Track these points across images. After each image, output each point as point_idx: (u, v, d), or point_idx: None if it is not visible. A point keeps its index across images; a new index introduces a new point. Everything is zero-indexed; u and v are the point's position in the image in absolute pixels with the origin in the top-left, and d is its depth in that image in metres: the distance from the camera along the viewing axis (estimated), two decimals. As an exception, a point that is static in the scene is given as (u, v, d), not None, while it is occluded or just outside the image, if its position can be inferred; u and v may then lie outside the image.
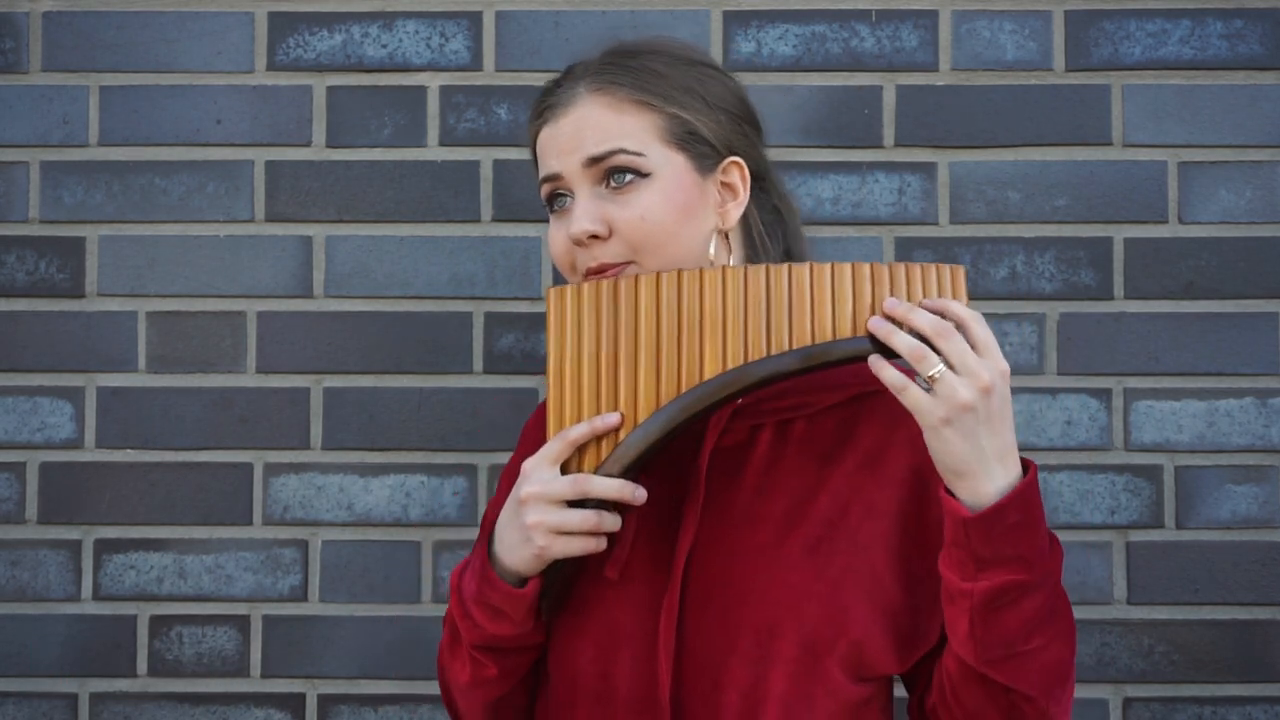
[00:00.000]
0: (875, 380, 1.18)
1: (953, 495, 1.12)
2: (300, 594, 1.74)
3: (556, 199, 1.25)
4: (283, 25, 1.78)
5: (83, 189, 1.77)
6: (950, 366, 1.08)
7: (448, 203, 1.77)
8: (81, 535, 1.75)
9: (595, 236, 1.21)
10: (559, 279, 1.75)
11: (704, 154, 1.24)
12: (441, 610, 1.72)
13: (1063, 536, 1.72)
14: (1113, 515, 1.73)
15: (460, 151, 1.77)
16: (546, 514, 1.14)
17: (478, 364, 1.75)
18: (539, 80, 1.76)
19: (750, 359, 1.13)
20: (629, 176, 1.20)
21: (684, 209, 1.22)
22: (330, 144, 1.77)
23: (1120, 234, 1.75)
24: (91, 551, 1.75)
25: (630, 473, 1.15)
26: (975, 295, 1.74)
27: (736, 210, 1.26)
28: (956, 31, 1.77)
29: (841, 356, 1.12)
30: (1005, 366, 1.10)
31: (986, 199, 1.76)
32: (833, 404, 1.25)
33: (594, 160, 1.21)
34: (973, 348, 1.09)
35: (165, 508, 1.75)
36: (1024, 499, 1.10)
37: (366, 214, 1.77)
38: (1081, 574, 1.72)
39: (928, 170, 1.76)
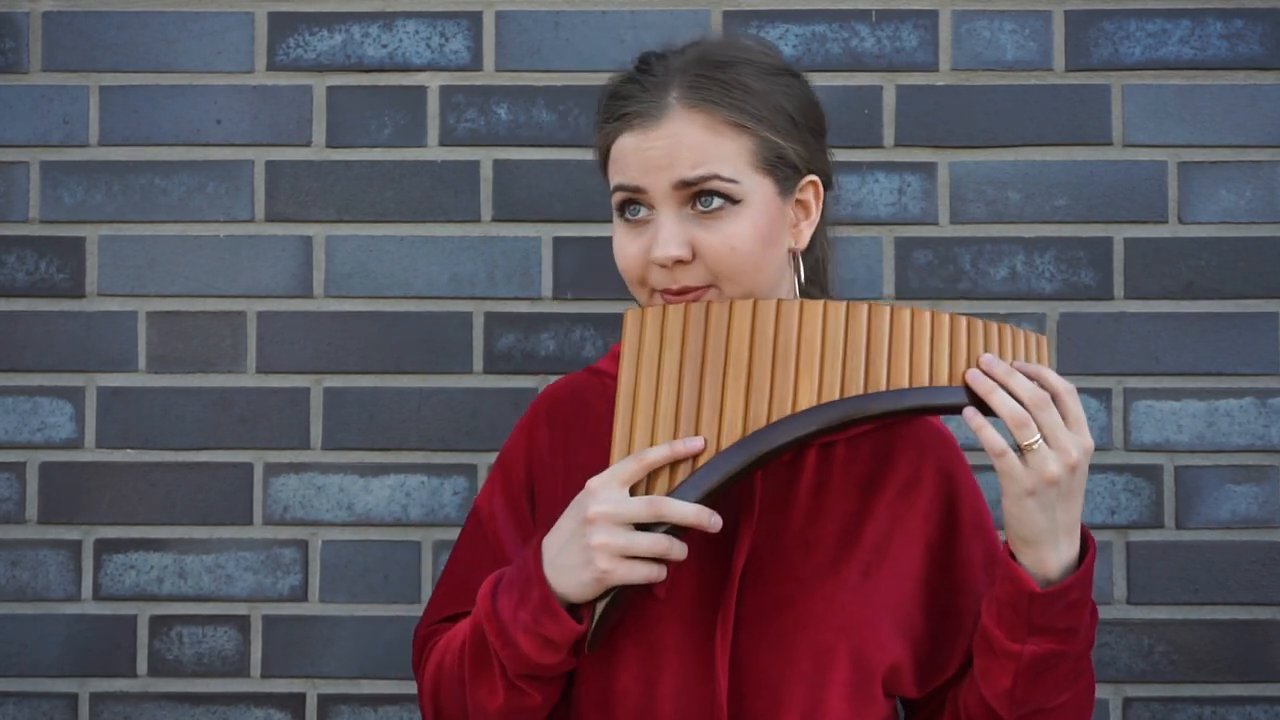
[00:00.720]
0: None
1: (1014, 559, 1.13)
2: (300, 594, 1.74)
3: (630, 207, 1.21)
4: (283, 25, 1.78)
5: (83, 189, 1.77)
6: (1043, 438, 1.09)
7: (448, 203, 1.77)
8: (81, 535, 1.75)
9: (680, 261, 1.17)
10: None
11: (787, 176, 1.22)
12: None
13: (1063, 536, 1.72)
14: (1113, 515, 1.73)
15: (460, 151, 1.77)
16: (614, 535, 1.09)
17: (478, 364, 1.75)
18: (539, 80, 1.76)
19: (845, 395, 1.11)
20: (719, 201, 1.17)
21: (769, 237, 1.20)
22: (330, 144, 1.77)
23: (1120, 234, 1.75)
24: (91, 551, 1.75)
25: (708, 499, 1.11)
26: (975, 295, 1.74)
27: (809, 229, 1.25)
28: (956, 31, 1.77)
29: (937, 405, 1.12)
30: (1090, 444, 1.10)
31: (986, 199, 1.76)
32: (868, 429, 1.26)
33: (687, 184, 1.17)
34: (1063, 420, 1.10)
35: (165, 508, 1.75)
36: (1086, 579, 1.12)
37: (366, 214, 1.77)
38: (1081, 574, 1.72)
39: (928, 170, 1.76)
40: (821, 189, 1.26)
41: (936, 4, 1.77)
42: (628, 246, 1.21)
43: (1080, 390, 1.72)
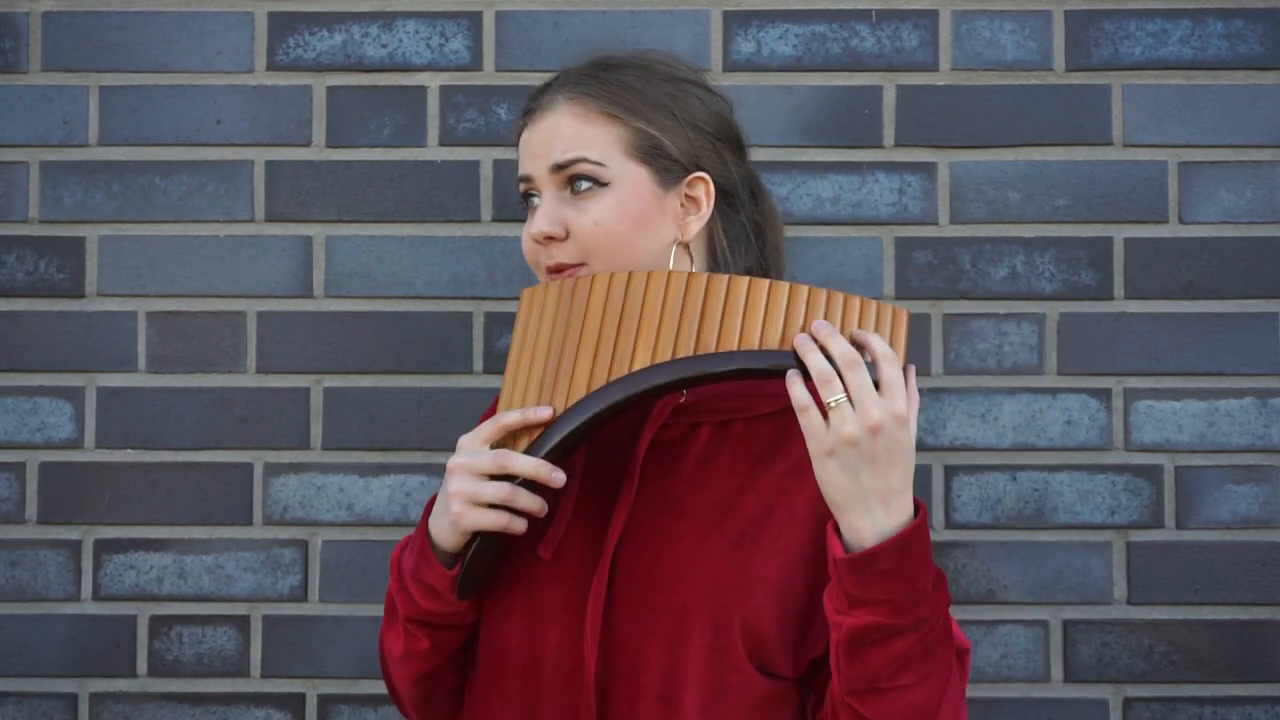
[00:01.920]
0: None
1: (836, 529, 1.15)
2: (300, 594, 1.74)
3: (529, 198, 1.33)
4: (283, 25, 1.78)
5: (83, 189, 1.77)
6: (849, 399, 1.10)
7: (448, 203, 1.77)
8: (81, 535, 1.75)
9: (552, 238, 1.28)
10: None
11: (668, 168, 1.29)
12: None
13: (1063, 536, 1.72)
14: (1113, 515, 1.73)
15: (460, 151, 1.77)
16: (465, 483, 1.18)
17: (478, 364, 1.75)
18: (539, 80, 1.75)
19: (675, 357, 1.17)
20: (588, 184, 1.27)
21: (637, 219, 1.28)
22: (330, 144, 1.77)
23: (1120, 234, 1.75)
24: (91, 551, 1.74)
25: (552, 455, 1.18)
26: (975, 295, 1.74)
27: (697, 223, 1.31)
28: (956, 31, 1.77)
29: (761, 367, 1.15)
30: (902, 410, 1.11)
31: (986, 199, 1.76)
32: (770, 411, 1.30)
33: (559, 167, 1.28)
34: (876, 385, 1.11)
35: (165, 508, 1.75)
36: (900, 547, 1.11)
37: (366, 214, 1.77)
38: (1081, 574, 1.72)
39: (928, 170, 1.76)
40: (713, 188, 1.31)
41: (936, 4, 1.77)
42: (525, 231, 1.32)
43: (1080, 390, 1.73)
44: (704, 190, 1.31)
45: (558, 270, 1.29)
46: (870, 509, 1.12)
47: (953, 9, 1.77)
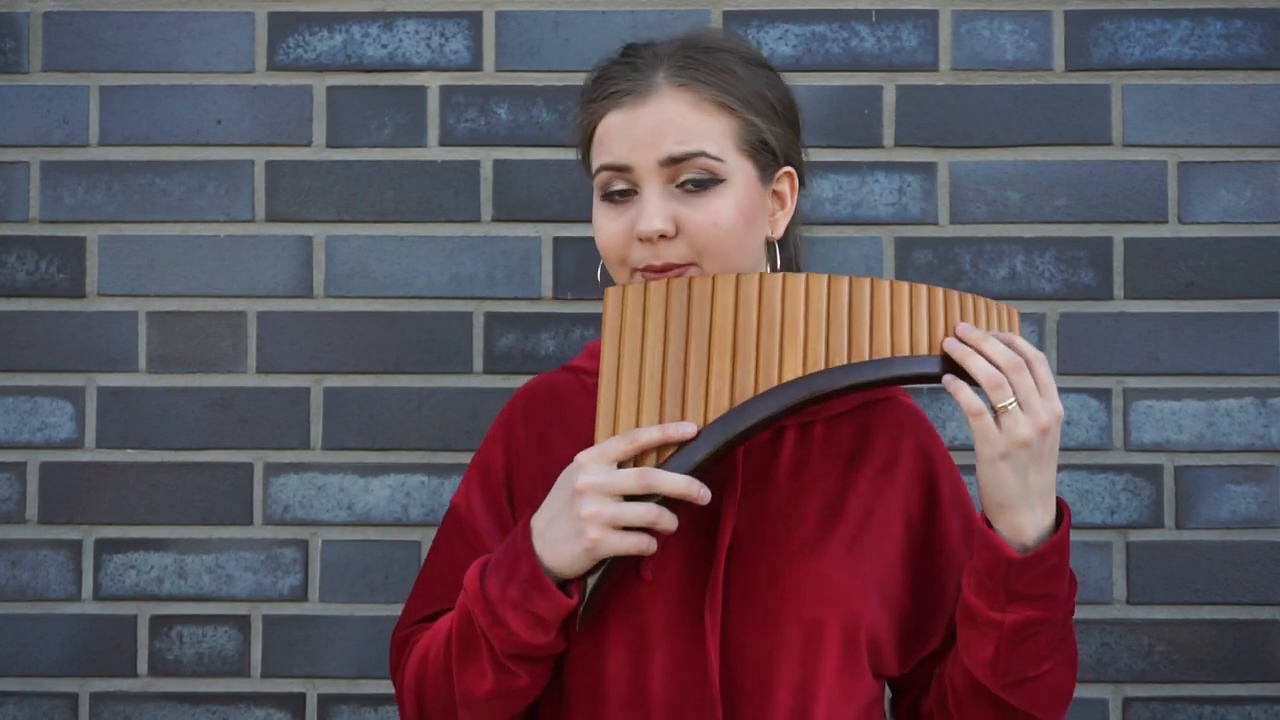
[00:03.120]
0: (880, 390, 1.23)
1: (991, 527, 1.14)
2: (300, 594, 1.74)
3: (615, 190, 1.21)
4: (283, 25, 1.78)
5: (83, 189, 1.77)
6: (1016, 402, 1.11)
7: (448, 203, 1.77)
8: (81, 535, 1.75)
9: (663, 236, 1.18)
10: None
11: (767, 163, 1.24)
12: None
13: (1063, 536, 1.73)
14: (1113, 515, 1.73)
15: (460, 151, 1.77)
16: (604, 505, 1.09)
17: (478, 364, 1.75)
18: (539, 80, 1.76)
19: (830, 366, 1.12)
20: (704, 179, 1.19)
21: (749, 218, 1.21)
22: (330, 144, 1.77)
23: (1120, 234, 1.75)
24: (91, 551, 1.75)
25: (698, 472, 1.11)
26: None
27: (784, 220, 1.28)
28: (956, 31, 1.77)
29: (916, 373, 1.14)
30: (1060, 410, 1.13)
31: (986, 199, 1.76)
32: (845, 410, 1.27)
33: (674, 160, 1.18)
34: (1036, 387, 1.12)
35: (165, 508, 1.75)
36: (1062, 545, 1.13)
37: (366, 214, 1.77)
38: (1081, 574, 1.72)
39: (928, 170, 1.76)
40: (796, 182, 1.28)
41: (936, 4, 1.77)
42: (610, 224, 1.21)
43: (1080, 390, 1.73)
44: (789, 185, 1.27)
45: (663, 270, 1.19)
46: (1033, 507, 1.13)
47: (953, 9, 1.77)
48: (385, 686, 1.73)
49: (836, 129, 1.76)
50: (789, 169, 1.26)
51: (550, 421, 1.30)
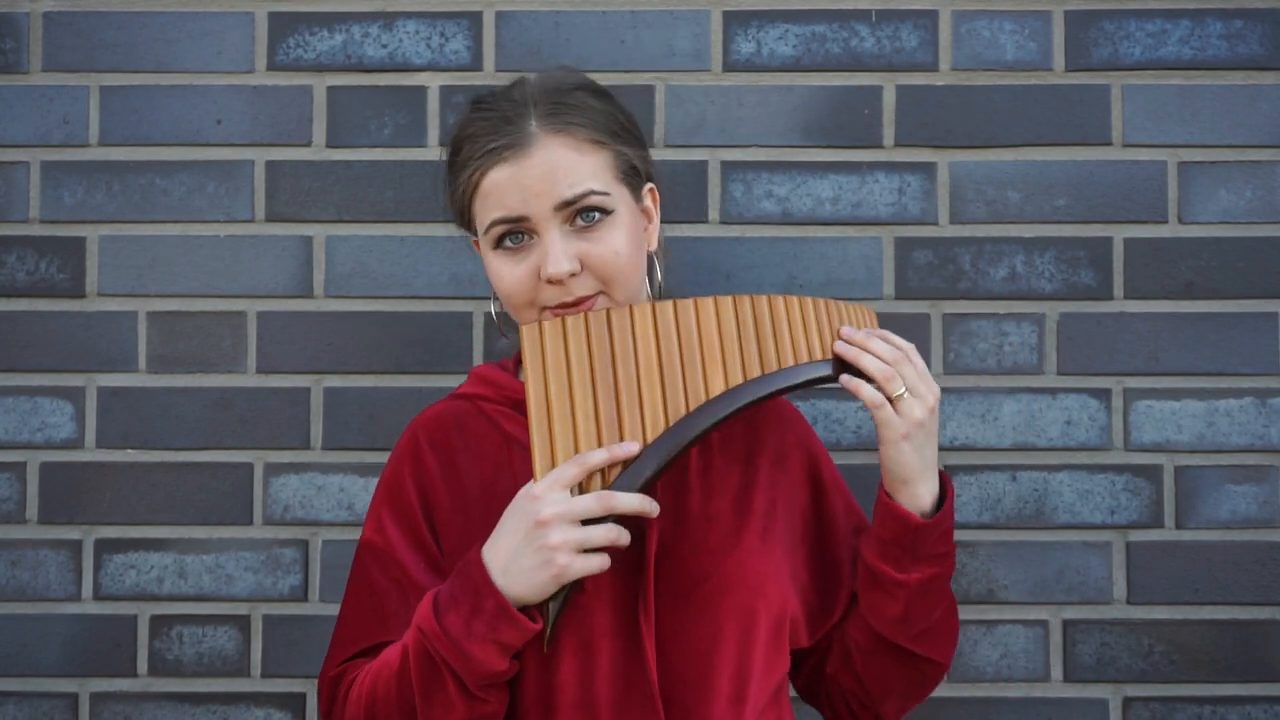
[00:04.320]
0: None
1: (892, 500, 1.28)
2: (300, 594, 1.74)
3: (511, 237, 1.28)
4: (283, 25, 1.78)
5: (83, 189, 1.77)
6: (907, 389, 1.25)
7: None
8: (81, 535, 1.75)
9: (571, 274, 1.26)
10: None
11: (636, 185, 1.33)
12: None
13: (1063, 536, 1.73)
14: (1113, 515, 1.73)
15: (460, 151, 1.77)
16: (570, 532, 1.16)
17: (477, 364, 1.75)
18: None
19: (748, 379, 1.23)
20: (596, 215, 1.27)
21: (636, 240, 1.31)
22: (330, 144, 1.77)
23: (1120, 234, 1.75)
24: (91, 551, 1.75)
25: (644, 489, 1.19)
26: (975, 295, 1.75)
27: (655, 232, 1.38)
28: (956, 31, 1.77)
29: (817, 376, 1.26)
30: (939, 390, 1.28)
31: (986, 199, 1.76)
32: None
33: (567, 203, 1.26)
34: (917, 373, 1.26)
35: (165, 508, 1.75)
36: (952, 508, 1.30)
37: (366, 214, 1.77)
38: (1081, 574, 1.72)
39: (928, 170, 1.76)
40: (658, 195, 1.37)
41: (936, 4, 1.77)
42: (512, 271, 1.29)
43: (1080, 390, 1.73)
44: (652, 199, 1.36)
45: (573, 304, 1.27)
46: (928, 479, 1.28)
47: (953, 9, 1.77)
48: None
49: (836, 129, 1.76)
50: (650, 185, 1.35)
51: (457, 450, 1.34)
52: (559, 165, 1.26)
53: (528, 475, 1.25)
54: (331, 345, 1.76)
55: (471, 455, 1.34)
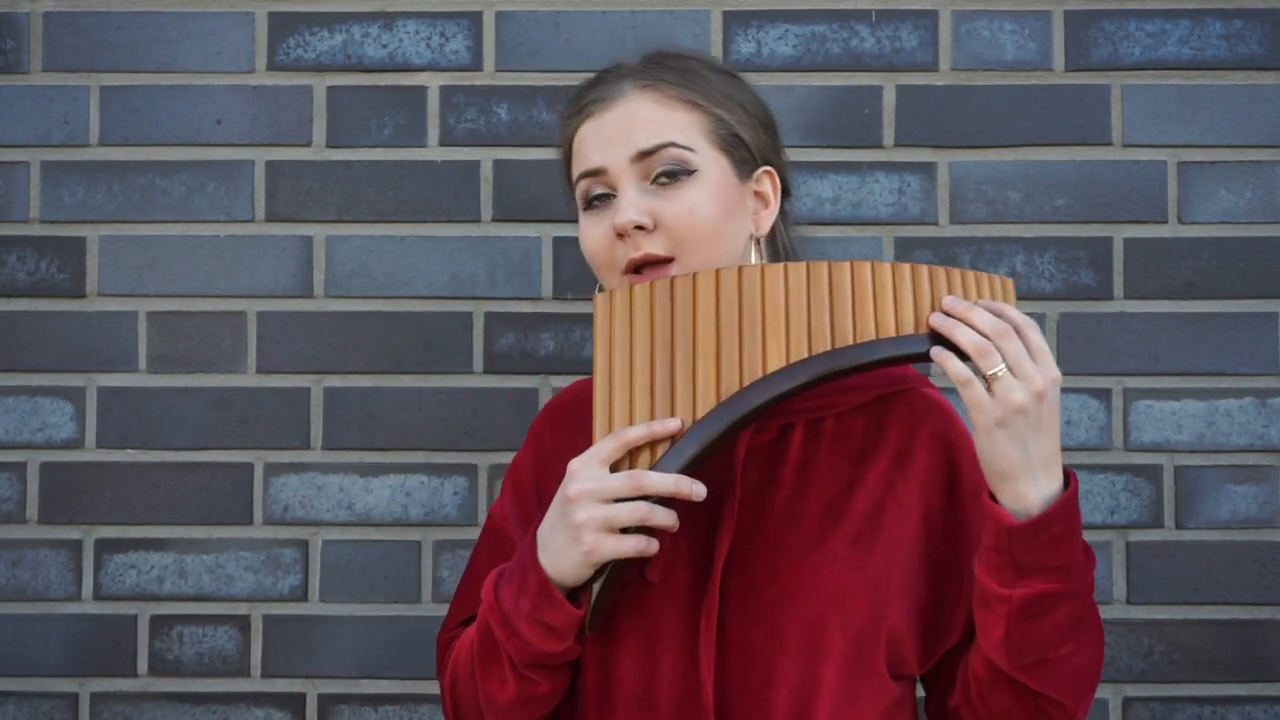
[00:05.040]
0: (897, 382, 1.23)
1: (995, 500, 1.12)
2: (300, 594, 1.74)
3: (594, 197, 1.23)
4: (283, 25, 1.78)
5: (83, 189, 1.77)
6: (1008, 368, 1.09)
7: (448, 203, 1.77)
8: (82, 535, 1.75)
9: (640, 228, 1.19)
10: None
11: (744, 159, 1.25)
12: (442, 610, 1.72)
13: (1063, 536, 1.72)
14: (1113, 515, 1.73)
15: (460, 151, 1.77)
16: (595, 510, 1.10)
17: (478, 364, 1.75)
18: (539, 80, 1.76)
19: (812, 354, 1.11)
20: (675, 172, 1.20)
21: (726, 209, 1.22)
22: (330, 144, 1.77)
23: (1120, 234, 1.75)
24: (92, 551, 1.75)
25: (689, 470, 1.11)
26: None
27: (769, 218, 1.28)
28: (956, 31, 1.77)
29: (903, 353, 1.12)
30: (1057, 373, 1.10)
31: (986, 199, 1.76)
32: (859, 404, 1.26)
33: (644, 154, 1.20)
34: (1028, 352, 1.10)
35: (165, 508, 1.75)
36: (1068, 510, 1.10)
37: (366, 214, 1.77)
38: (1081, 574, 1.72)
39: (928, 170, 1.76)
40: (778, 182, 1.28)
41: (936, 4, 1.77)
42: (591, 230, 1.23)
43: (1080, 390, 1.73)
44: (770, 184, 1.28)
45: (644, 263, 1.20)
46: (1035, 476, 1.10)
47: (953, 9, 1.77)
48: (385, 686, 1.73)
49: (836, 129, 1.76)
50: (768, 168, 1.28)
51: (575, 428, 1.30)
52: (639, 116, 1.21)
53: None
54: (331, 345, 1.76)
55: (587, 435, 1.24)
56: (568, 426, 1.32)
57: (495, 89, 1.77)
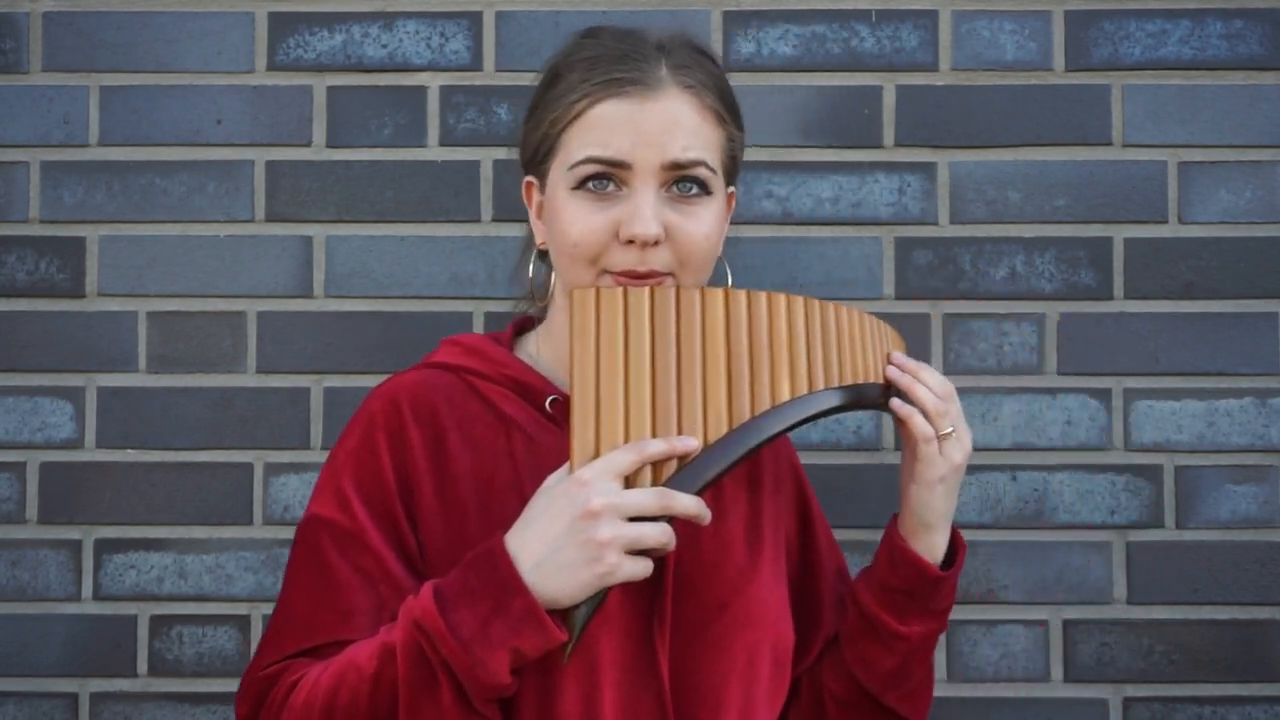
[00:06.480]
0: None
1: (907, 545, 1.19)
2: (300, 594, 1.74)
3: (598, 180, 1.14)
4: (283, 25, 1.78)
5: (83, 189, 1.77)
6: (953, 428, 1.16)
7: (448, 203, 1.77)
8: (81, 535, 1.75)
9: (655, 241, 1.13)
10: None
11: (731, 179, 1.24)
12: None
13: (1063, 536, 1.73)
14: (1113, 515, 1.73)
15: (460, 151, 1.77)
16: (623, 529, 1.02)
17: (478, 364, 1.75)
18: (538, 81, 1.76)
19: (815, 389, 1.12)
20: (697, 189, 1.15)
21: (722, 232, 1.21)
22: (330, 144, 1.77)
23: (1120, 234, 1.75)
24: (91, 551, 1.75)
25: (703, 493, 1.07)
26: (975, 295, 1.74)
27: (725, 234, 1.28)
28: (956, 31, 1.77)
29: (871, 398, 1.17)
30: (971, 435, 1.20)
31: (986, 199, 1.76)
32: None
33: (677, 165, 1.13)
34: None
35: (165, 508, 1.75)
36: (961, 564, 1.22)
37: (366, 214, 1.77)
38: (1081, 574, 1.72)
39: (928, 170, 1.76)
40: (734, 202, 1.28)
41: (936, 4, 1.77)
42: (588, 219, 1.14)
43: (1080, 390, 1.73)
44: (729, 200, 1.25)
45: (643, 276, 1.13)
46: (946, 529, 1.20)
47: (953, 9, 1.77)
48: None
49: (836, 129, 1.76)
50: (731, 189, 1.26)
51: (446, 428, 1.18)
52: (682, 122, 1.13)
53: (533, 466, 1.13)
54: (331, 345, 1.76)
55: (463, 437, 1.17)
56: (435, 427, 1.18)
57: (495, 89, 1.77)
